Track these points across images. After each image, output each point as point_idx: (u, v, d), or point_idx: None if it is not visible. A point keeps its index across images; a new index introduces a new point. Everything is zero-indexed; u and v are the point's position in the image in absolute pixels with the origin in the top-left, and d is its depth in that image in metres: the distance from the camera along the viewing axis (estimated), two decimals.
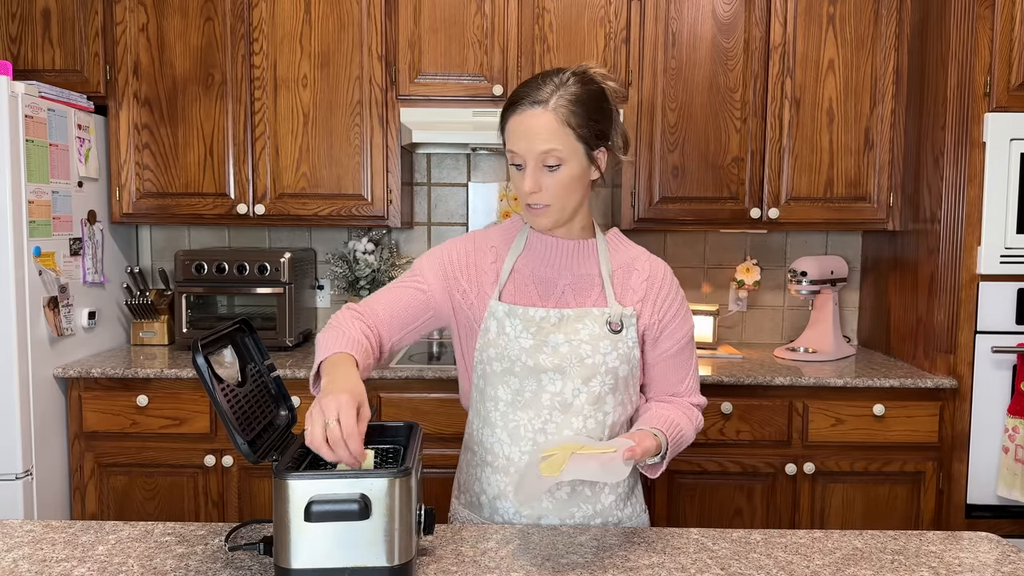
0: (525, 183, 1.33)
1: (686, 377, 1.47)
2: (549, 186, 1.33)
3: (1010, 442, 2.44)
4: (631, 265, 1.45)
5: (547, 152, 1.31)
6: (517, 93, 1.35)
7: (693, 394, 1.48)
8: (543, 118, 1.31)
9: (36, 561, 1.20)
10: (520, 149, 1.33)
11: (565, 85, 1.33)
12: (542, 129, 1.31)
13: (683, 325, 1.45)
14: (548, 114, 1.31)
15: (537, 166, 1.33)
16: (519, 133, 1.32)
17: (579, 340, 1.37)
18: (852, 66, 2.76)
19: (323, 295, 3.20)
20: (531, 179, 1.33)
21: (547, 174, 1.33)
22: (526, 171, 1.33)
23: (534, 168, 1.33)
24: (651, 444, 1.28)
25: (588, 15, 2.75)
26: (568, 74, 1.35)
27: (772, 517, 2.57)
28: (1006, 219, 2.46)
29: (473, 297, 1.44)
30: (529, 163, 1.33)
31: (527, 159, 1.33)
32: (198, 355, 1.11)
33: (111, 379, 2.55)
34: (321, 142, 2.80)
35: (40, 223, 2.46)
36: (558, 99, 1.31)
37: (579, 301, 1.41)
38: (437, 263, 1.46)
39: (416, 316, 1.44)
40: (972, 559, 1.25)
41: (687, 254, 3.17)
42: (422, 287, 1.44)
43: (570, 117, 1.31)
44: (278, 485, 1.07)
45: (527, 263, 1.44)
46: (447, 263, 1.45)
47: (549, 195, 1.34)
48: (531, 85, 1.34)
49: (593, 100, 1.34)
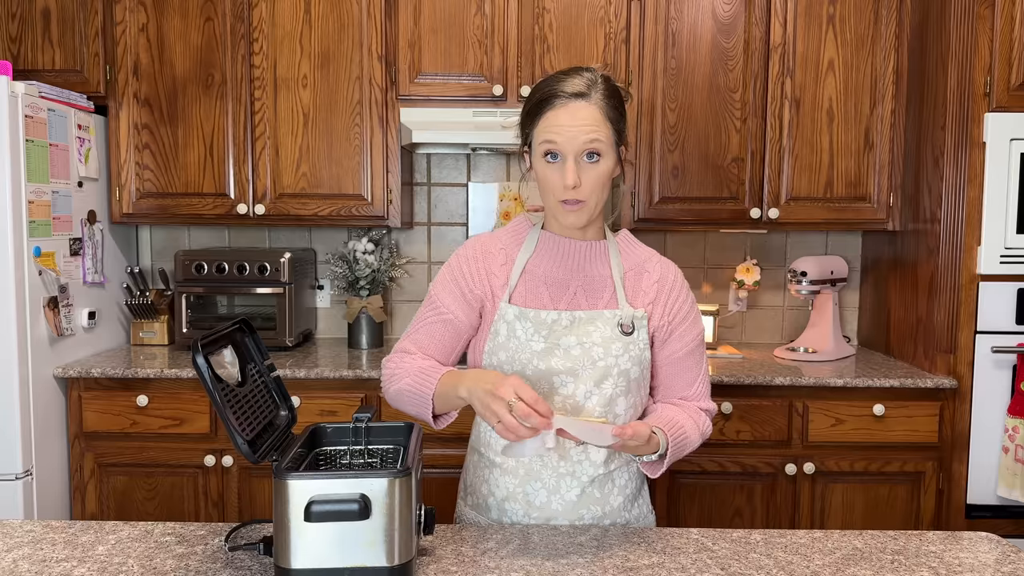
0: (567, 177, 1.32)
1: (695, 380, 1.46)
2: (587, 180, 1.33)
3: (1010, 442, 2.44)
4: (642, 267, 1.45)
5: (591, 141, 1.31)
6: (550, 88, 1.34)
7: (703, 398, 1.47)
8: (587, 110, 1.32)
9: (36, 561, 1.20)
10: (562, 140, 1.32)
11: (598, 82, 1.34)
12: (587, 120, 1.31)
13: (692, 328, 1.45)
14: (591, 107, 1.32)
15: (578, 159, 1.32)
16: (560, 125, 1.32)
17: (591, 342, 1.37)
18: (852, 66, 2.76)
19: (323, 295, 3.20)
20: (572, 172, 1.32)
21: (586, 168, 1.33)
22: (566, 164, 1.32)
23: (574, 162, 1.32)
24: (643, 430, 1.26)
25: (588, 15, 2.75)
26: (595, 72, 1.36)
27: (772, 517, 2.57)
28: (1006, 219, 2.46)
29: (486, 301, 1.43)
30: (570, 156, 1.32)
31: (568, 152, 1.32)
32: (198, 355, 1.11)
33: (111, 379, 2.55)
34: (321, 142, 2.80)
35: (40, 223, 2.46)
36: (597, 93, 1.33)
37: (591, 303, 1.41)
38: (453, 286, 1.44)
39: (455, 343, 1.45)
40: (972, 559, 1.25)
41: (687, 254, 3.17)
42: (447, 317, 1.43)
43: (609, 111, 1.33)
44: (278, 485, 1.08)
45: (538, 264, 1.43)
46: (461, 282, 1.44)
47: (587, 190, 1.34)
48: (563, 81, 1.34)
49: (619, 98, 1.37)
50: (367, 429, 1.30)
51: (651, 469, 1.38)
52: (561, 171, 1.33)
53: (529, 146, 1.40)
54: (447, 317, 1.43)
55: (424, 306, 1.47)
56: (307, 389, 2.54)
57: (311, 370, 2.53)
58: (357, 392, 2.56)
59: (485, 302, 1.43)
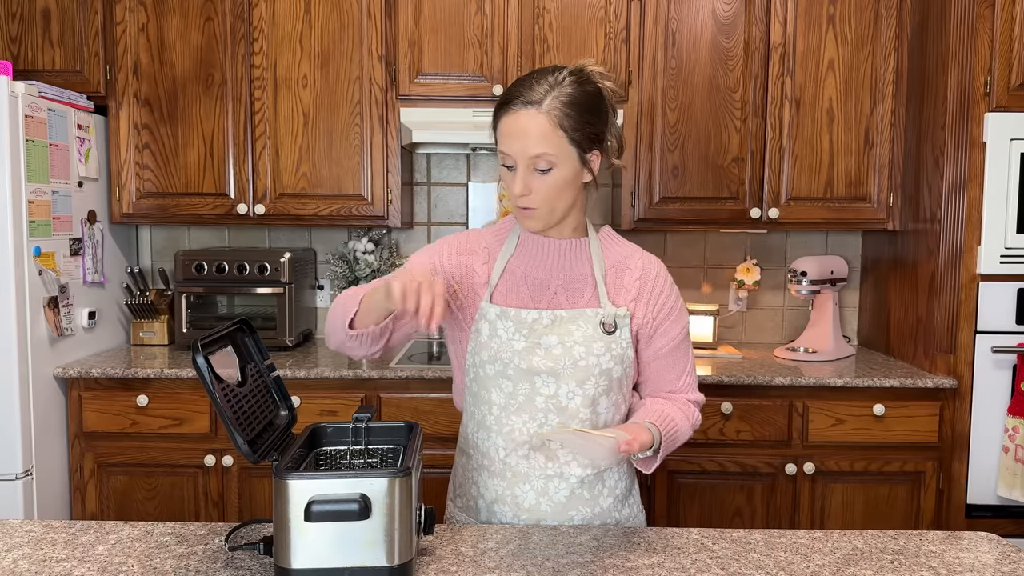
0: (515, 186, 1.31)
1: (682, 374, 1.46)
2: (539, 189, 1.32)
3: (1010, 442, 2.44)
4: (624, 264, 1.43)
5: (538, 156, 1.29)
6: (511, 92, 1.32)
7: (690, 391, 1.47)
8: (535, 120, 1.28)
9: (36, 561, 1.20)
10: (511, 151, 1.30)
11: (560, 85, 1.30)
12: (534, 132, 1.28)
13: (677, 322, 1.44)
14: (541, 116, 1.28)
15: (528, 169, 1.31)
16: (511, 134, 1.30)
17: (572, 341, 1.36)
18: (852, 66, 2.76)
19: (323, 295, 3.20)
20: (521, 182, 1.31)
21: (537, 177, 1.31)
22: (516, 173, 1.31)
23: (524, 171, 1.31)
24: (646, 439, 1.27)
25: (588, 15, 2.75)
26: (564, 73, 1.32)
27: (772, 517, 2.57)
28: (1006, 219, 2.46)
29: (463, 298, 1.42)
30: (520, 165, 1.31)
31: (518, 161, 1.31)
32: (198, 355, 1.11)
33: (111, 379, 2.55)
34: (321, 142, 2.80)
35: (40, 223, 2.46)
36: (552, 100, 1.28)
37: (572, 302, 1.40)
38: (428, 264, 1.44)
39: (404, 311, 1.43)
40: (972, 559, 1.25)
41: (687, 254, 3.17)
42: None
43: (563, 119, 1.28)
44: (278, 485, 1.08)
45: (519, 264, 1.42)
46: (437, 265, 1.44)
47: (539, 198, 1.32)
48: (525, 84, 1.31)
49: (589, 102, 1.31)
50: (367, 429, 1.30)
51: (645, 465, 1.37)
52: (514, 179, 1.32)
53: None
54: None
55: (395, 271, 1.47)
56: (307, 389, 2.54)
57: (311, 370, 2.53)
58: (357, 392, 2.56)
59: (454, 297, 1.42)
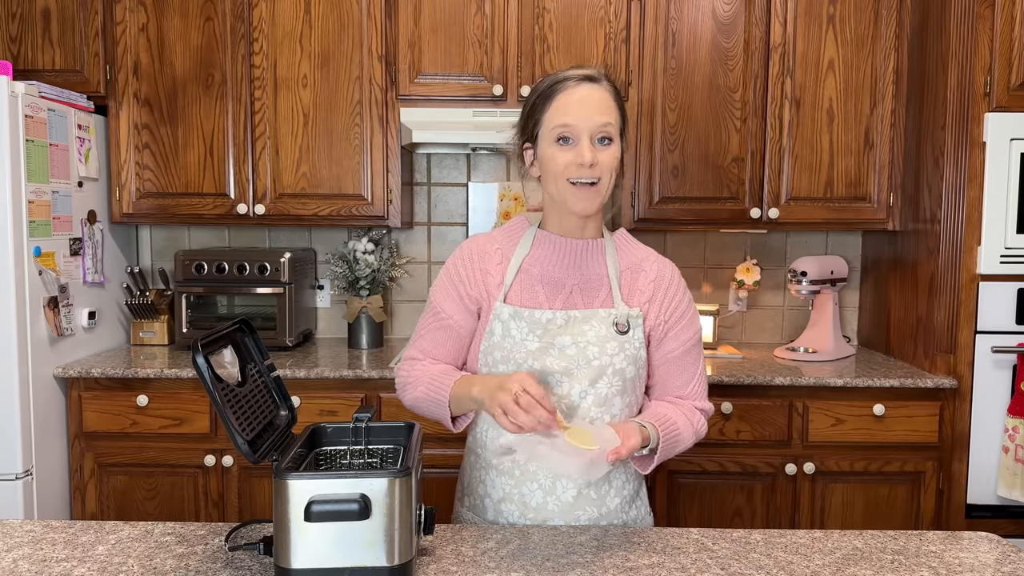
0: (584, 155, 1.33)
1: (691, 380, 1.45)
2: (602, 160, 1.35)
3: (1010, 442, 2.44)
4: (639, 266, 1.45)
5: (605, 125, 1.34)
6: (560, 75, 1.38)
7: (699, 398, 1.46)
8: (600, 92, 1.36)
9: (36, 561, 1.20)
10: (576, 120, 1.34)
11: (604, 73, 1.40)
12: (601, 102, 1.35)
13: (689, 327, 1.44)
14: (604, 90, 1.36)
15: (592, 140, 1.34)
16: (575, 104, 1.34)
17: (586, 341, 1.36)
18: (852, 66, 2.76)
19: (323, 295, 3.20)
20: (589, 151, 1.33)
21: (600, 149, 1.35)
22: (581, 144, 1.34)
23: (588, 142, 1.34)
24: (635, 442, 1.27)
25: (588, 15, 2.75)
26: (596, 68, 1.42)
27: (772, 517, 2.57)
28: (1006, 219, 2.46)
29: (482, 301, 1.43)
30: (584, 136, 1.34)
31: (582, 132, 1.34)
32: (198, 355, 1.11)
33: (111, 379, 2.55)
34: (321, 142, 2.80)
35: (40, 223, 2.46)
36: (606, 80, 1.38)
37: (586, 302, 1.41)
38: (452, 291, 1.45)
39: (459, 346, 1.46)
40: (972, 559, 1.25)
41: (687, 254, 3.17)
42: (448, 323, 1.44)
43: (616, 98, 1.39)
44: (278, 485, 1.08)
45: (534, 263, 1.43)
46: (460, 286, 1.44)
47: (602, 169, 1.35)
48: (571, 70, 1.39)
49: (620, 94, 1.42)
50: (367, 429, 1.30)
51: (641, 464, 1.37)
52: (575, 151, 1.34)
53: (533, 139, 1.40)
54: (448, 323, 1.44)
55: (426, 313, 1.48)
56: (307, 389, 2.54)
57: (311, 370, 2.53)
58: (357, 392, 2.56)
59: (481, 303, 1.43)
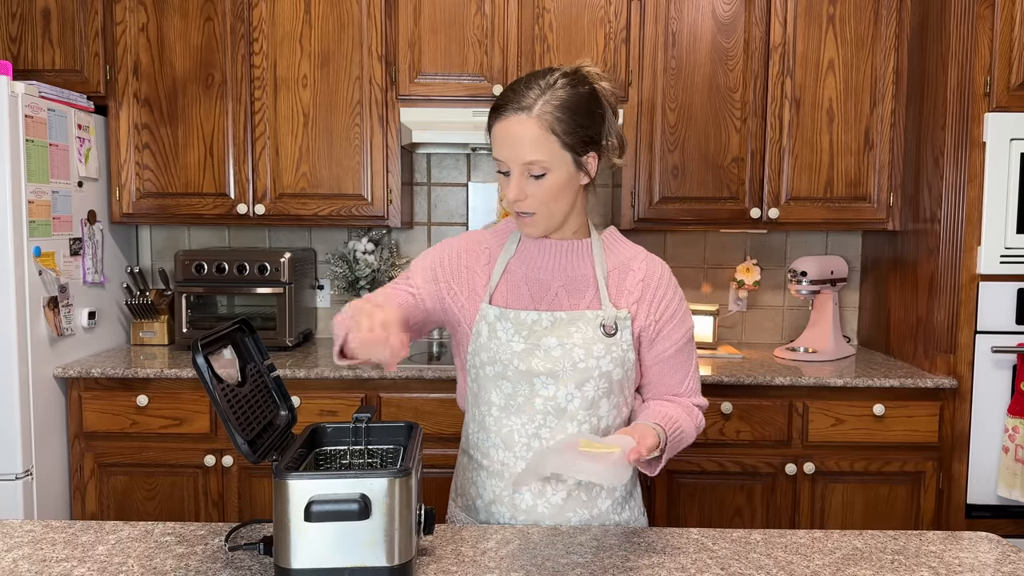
0: (510, 191, 1.31)
1: (686, 378, 1.44)
2: (534, 194, 1.31)
3: (1010, 442, 2.44)
4: (627, 265, 1.42)
5: (531, 163, 1.29)
6: (502, 97, 1.32)
7: (694, 395, 1.46)
8: (527, 125, 1.27)
9: (36, 561, 1.20)
10: (505, 157, 1.31)
11: (552, 89, 1.29)
12: (526, 138, 1.28)
13: (681, 326, 1.42)
14: (532, 121, 1.27)
15: (522, 174, 1.30)
16: (503, 141, 1.30)
17: (572, 344, 1.35)
18: (852, 66, 2.76)
19: (323, 295, 3.20)
20: (516, 187, 1.31)
21: (532, 182, 1.31)
22: (511, 179, 1.31)
23: (519, 176, 1.31)
24: (652, 442, 1.25)
25: (588, 15, 2.74)
26: (557, 76, 1.31)
27: (772, 517, 2.57)
28: (1006, 219, 2.46)
29: (464, 300, 1.42)
30: (514, 171, 1.30)
31: (512, 167, 1.31)
32: (198, 355, 1.11)
33: (111, 379, 2.55)
34: (321, 142, 2.80)
35: (40, 223, 2.46)
36: (543, 105, 1.27)
37: (572, 303, 1.39)
38: (428, 267, 1.45)
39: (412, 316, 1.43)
40: (972, 559, 1.25)
41: (687, 254, 3.17)
42: (412, 291, 1.44)
43: (555, 124, 1.27)
44: (278, 485, 1.08)
45: (519, 265, 1.42)
46: (438, 267, 1.44)
47: (535, 203, 1.32)
48: (516, 89, 1.31)
49: (581, 104, 1.30)
50: (367, 429, 1.30)
51: (649, 467, 1.36)
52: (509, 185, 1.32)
53: None
54: (411, 291, 1.44)
55: (399, 276, 1.48)
56: (307, 389, 2.54)
57: (311, 370, 2.53)
58: (357, 392, 2.56)
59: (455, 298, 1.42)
